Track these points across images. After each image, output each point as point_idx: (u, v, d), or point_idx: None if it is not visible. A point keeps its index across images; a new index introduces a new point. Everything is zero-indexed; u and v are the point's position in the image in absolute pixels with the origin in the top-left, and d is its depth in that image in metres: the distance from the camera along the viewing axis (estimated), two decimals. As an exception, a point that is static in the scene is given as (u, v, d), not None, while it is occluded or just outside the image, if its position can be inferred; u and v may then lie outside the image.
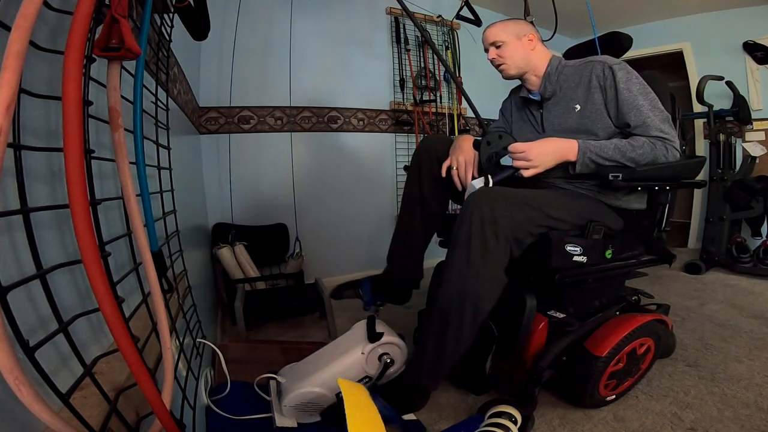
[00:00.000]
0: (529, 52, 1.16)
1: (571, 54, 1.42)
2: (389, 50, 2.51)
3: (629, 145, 1.02)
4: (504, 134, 1.09)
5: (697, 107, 2.59)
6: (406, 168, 1.27)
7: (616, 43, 1.39)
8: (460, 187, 1.11)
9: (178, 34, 1.03)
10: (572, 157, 1.03)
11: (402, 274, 1.22)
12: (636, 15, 3.01)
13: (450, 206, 1.32)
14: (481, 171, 1.09)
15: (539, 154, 1.01)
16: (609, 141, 1.05)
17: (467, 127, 2.77)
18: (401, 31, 2.49)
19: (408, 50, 2.51)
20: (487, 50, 1.20)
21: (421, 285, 1.25)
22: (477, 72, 2.72)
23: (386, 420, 0.94)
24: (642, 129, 1.04)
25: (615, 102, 1.07)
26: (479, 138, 1.12)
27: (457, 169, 1.10)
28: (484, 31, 1.19)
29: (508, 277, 0.95)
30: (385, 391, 1.01)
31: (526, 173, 1.02)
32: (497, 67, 1.20)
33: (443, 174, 1.12)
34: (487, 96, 1.93)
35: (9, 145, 0.33)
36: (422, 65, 2.57)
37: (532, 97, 1.23)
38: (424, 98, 2.58)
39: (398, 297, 1.24)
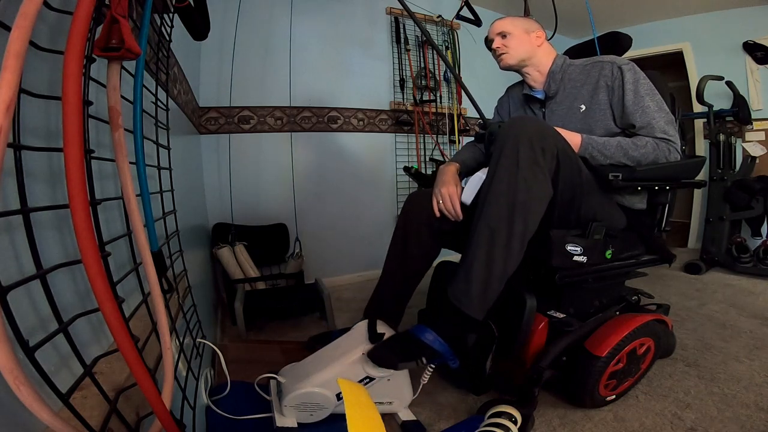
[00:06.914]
0: (536, 48, 1.18)
1: (570, 54, 1.42)
2: (389, 50, 2.51)
3: (632, 144, 1.02)
4: (504, 125, 1.09)
5: (697, 107, 2.59)
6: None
7: (615, 43, 1.39)
8: (453, 218, 1.10)
9: (178, 34, 1.03)
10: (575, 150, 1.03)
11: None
12: (636, 15, 3.01)
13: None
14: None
15: None
16: (612, 138, 1.05)
17: (467, 127, 2.77)
18: (401, 31, 2.49)
19: (408, 50, 2.51)
20: (491, 41, 1.20)
21: (421, 284, 1.25)
22: (477, 72, 2.73)
23: (439, 356, 0.92)
24: (647, 130, 1.04)
25: (621, 102, 1.07)
26: (482, 132, 1.12)
27: (442, 203, 1.10)
28: (493, 23, 1.20)
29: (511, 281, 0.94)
30: (439, 325, 0.95)
31: None
32: (498, 56, 1.20)
33: (437, 214, 1.12)
34: (486, 96, 1.93)
35: (9, 145, 0.33)
36: (422, 65, 2.57)
37: (534, 94, 1.23)
38: (424, 98, 2.58)
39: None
